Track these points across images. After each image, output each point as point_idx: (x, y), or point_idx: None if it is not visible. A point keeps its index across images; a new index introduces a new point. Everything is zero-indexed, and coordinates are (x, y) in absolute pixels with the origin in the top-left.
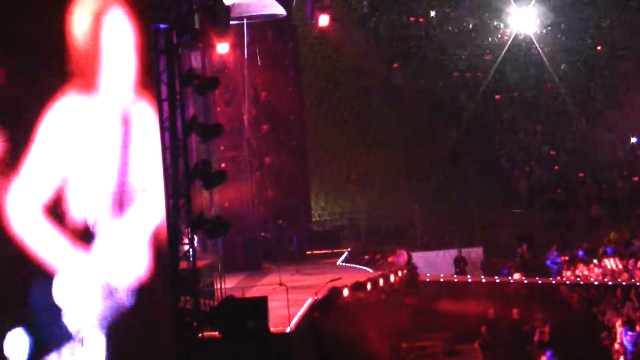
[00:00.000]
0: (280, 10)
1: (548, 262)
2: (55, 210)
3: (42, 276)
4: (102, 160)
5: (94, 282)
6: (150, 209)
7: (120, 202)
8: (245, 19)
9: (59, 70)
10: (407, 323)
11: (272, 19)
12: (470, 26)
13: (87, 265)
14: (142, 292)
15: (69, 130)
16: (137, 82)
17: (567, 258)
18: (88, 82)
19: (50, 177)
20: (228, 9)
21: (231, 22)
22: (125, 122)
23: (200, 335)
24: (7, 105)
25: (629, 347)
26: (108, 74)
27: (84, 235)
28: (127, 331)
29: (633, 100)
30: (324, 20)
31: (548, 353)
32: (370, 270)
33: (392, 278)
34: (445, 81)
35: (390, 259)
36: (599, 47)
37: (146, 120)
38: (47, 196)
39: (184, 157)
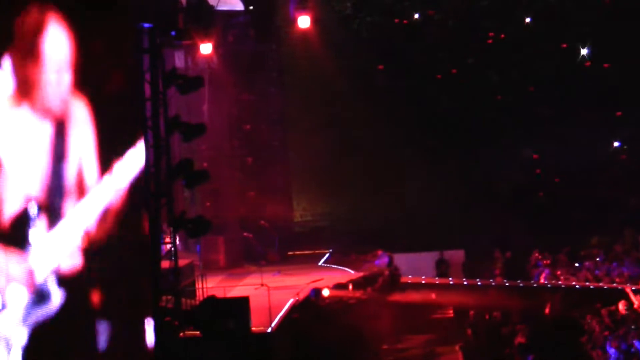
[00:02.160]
0: (239, 6)
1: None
2: None
3: None
4: (33, 163)
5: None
6: (88, 212)
7: (54, 206)
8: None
9: None
10: (388, 325)
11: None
12: (454, 28)
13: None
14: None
15: None
16: (72, 83)
17: (548, 262)
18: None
19: None
20: (212, 8)
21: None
22: (59, 124)
23: (181, 334)
24: None
25: (613, 355)
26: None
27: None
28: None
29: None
30: (304, 21)
31: (530, 358)
32: (352, 272)
33: (373, 279)
34: (429, 83)
35: (371, 261)
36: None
37: (82, 122)
38: None
39: (167, 155)
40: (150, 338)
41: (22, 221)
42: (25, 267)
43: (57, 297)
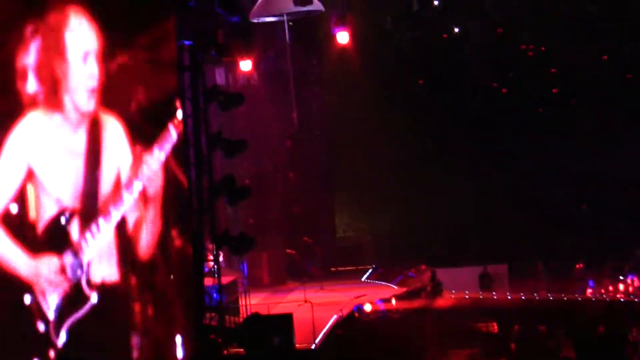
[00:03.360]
0: (319, 6)
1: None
2: (13, 221)
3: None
4: (67, 171)
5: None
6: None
7: (89, 213)
8: (285, 15)
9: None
10: (432, 339)
11: (311, 15)
12: (493, 41)
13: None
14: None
15: (30, 145)
16: (102, 96)
17: (593, 275)
18: (51, 100)
19: (8, 188)
20: (252, 25)
21: (270, 20)
22: (92, 136)
23: (225, 351)
24: None
25: None
26: (72, 90)
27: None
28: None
29: None
30: (343, 37)
31: None
32: (395, 287)
33: (416, 294)
34: (469, 97)
35: (414, 276)
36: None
37: (114, 135)
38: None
39: (209, 172)
40: (179, 354)
41: (57, 228)
42: (59, 272)
43: (91, 302)
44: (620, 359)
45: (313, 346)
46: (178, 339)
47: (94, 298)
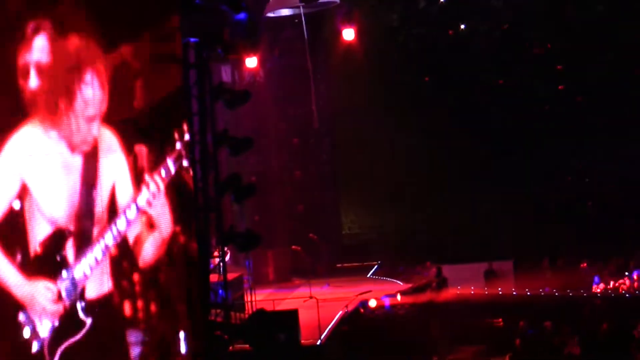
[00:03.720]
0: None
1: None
2: (5, 238)
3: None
4: (64, 191)
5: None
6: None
7: (84, 232)
8: (301, 7)
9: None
10: (437, 335)
11: (327, 7)
12: (500, 38)
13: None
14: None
15: (24, 160)
16: (104, 110)
17: (598, 271)
18: (47, 116)
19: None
20: (258, 22)
21: (287, 14)
22: (90, 153)
23: (231, 348)
24: None
25: None
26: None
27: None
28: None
29: None
30: (349, 34)
31: None
32: (401, 283)
33: (421, 290)
34: (475, 94)
35: (419, 272)
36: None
37: (111, 149)
38: None
39: (215, 170)
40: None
41: (51, 251)
42: (54, 294)
43: (86, 324)
44: (625, 356)
45: (319, 342)
46: (182, 335)
47: (88, 322)
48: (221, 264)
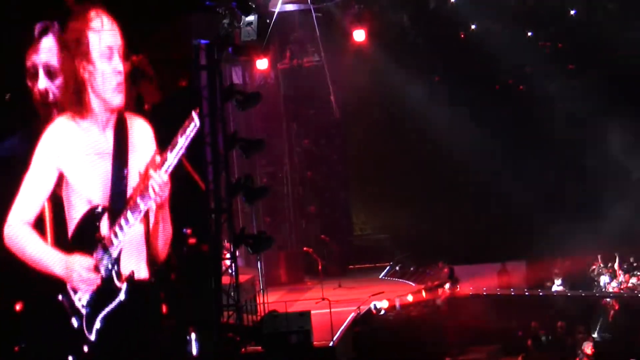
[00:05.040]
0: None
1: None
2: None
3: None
4: (98, 175)
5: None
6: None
7: (118, 210)
8: (310, 3)
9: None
10: (450, 336)
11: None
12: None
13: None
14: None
15: (59, 151)
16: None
17: (610, 270)
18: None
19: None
20: (268, 24)
21: (297, 9)
22: (119, 135)
23: (243, 350)
24: None
25: None
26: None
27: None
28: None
29: None
30: (359, 35)
31: None
32: (413, 284)
33: (434, 291)
34: (487, 94)
35: (432, 273)
36: None
37: (141, 133)
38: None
39: (226, 172)
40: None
41: (88, 226)
42: (92, 269)
43: (122, 297)
44: (638, 355)
45: (331, 343)
46: (193, 336)
47: (123, 293)
48: (233, 265)
